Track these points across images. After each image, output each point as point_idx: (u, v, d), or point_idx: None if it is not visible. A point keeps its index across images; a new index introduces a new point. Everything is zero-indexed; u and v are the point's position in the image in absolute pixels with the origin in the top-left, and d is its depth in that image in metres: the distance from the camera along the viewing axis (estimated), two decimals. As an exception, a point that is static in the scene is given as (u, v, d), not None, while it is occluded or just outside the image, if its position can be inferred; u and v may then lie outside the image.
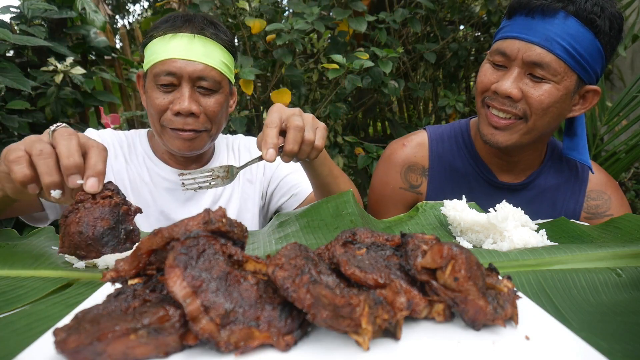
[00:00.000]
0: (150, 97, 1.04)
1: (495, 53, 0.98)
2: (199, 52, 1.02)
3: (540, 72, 0.92)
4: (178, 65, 1.00)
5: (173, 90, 1.02)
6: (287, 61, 1.95)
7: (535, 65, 0.92)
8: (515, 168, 1.12)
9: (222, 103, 1.07)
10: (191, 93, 1.02)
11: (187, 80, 1.01)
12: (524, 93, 0.94)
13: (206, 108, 1.04)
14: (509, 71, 0.96)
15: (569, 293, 0.56)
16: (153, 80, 1.03)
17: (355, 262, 0.44)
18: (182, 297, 0.36)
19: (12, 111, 1.99)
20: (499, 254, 0.67)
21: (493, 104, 0.99)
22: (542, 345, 0.38)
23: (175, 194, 1.14)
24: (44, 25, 2.15)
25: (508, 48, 0.95)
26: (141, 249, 0.44)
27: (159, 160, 1.16)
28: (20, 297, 0.59)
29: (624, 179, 3.60)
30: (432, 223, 0.86)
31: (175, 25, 1.03)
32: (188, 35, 1.02)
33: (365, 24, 1.97)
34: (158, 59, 1.01)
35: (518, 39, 0.94)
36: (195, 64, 1.01)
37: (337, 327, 0.36)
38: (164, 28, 1.03)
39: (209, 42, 1.04)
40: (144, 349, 0.36)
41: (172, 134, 1.04)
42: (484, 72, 1.01)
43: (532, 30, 0.92)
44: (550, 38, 0.90)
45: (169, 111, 1.02)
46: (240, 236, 0.46)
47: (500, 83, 0.96)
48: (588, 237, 0.78)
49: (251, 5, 2.12)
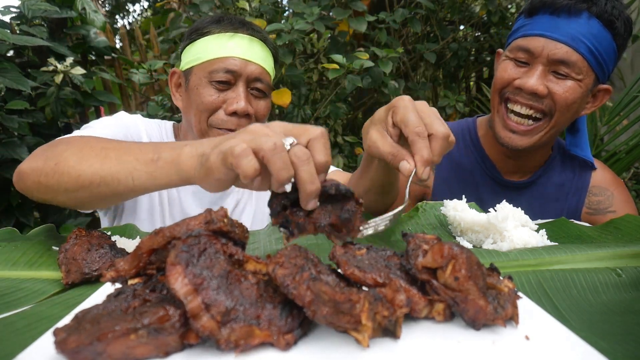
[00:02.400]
0: (201, 94, 1.01)
1: (517, 50, 0.98)
2: (257, 54, 1.03)
3: (565, 69, 0.93)
4: (238, 64, 1.00)
5: (227, 89, 1.01)
6: (287, 61, 1.95)
7: (560, 63, 0.93)
8: (522, 168, 1.13)
9: (269, 108, 1.08)
10: (246, 94, 1.01)
11: (244, 80, 1.01)
12: (549, 89, 0.95)
13: (257, 111, 1.04)
14: (533, 68, 0.96)
15: (569, 293, 0.56)
16: (206, 77, 1.01)
17: (354, 262, 0.44)
18: (183, 295, 0.36)
19: (12, 111, 1.99)
20: (499, 254, 0.67)
21: (516, 99, 0.99)
22: (542, 345, 0.38)
23: (199, 197, 1.12)
24: (44, 25, 2.15)
25: (532, 45, 0.95)
26: (142, 248, 0.44)
27: None
28: (21, 299, 0.59)
29: (625, 179, 3.60)
30: (432, 223, 0.86)
31: (234, 25, 1.03)
32: (247, 37, 1.02)
33: (365, 24, 1.97)
34: (215, 55, 1.00)
35: (543, 37, 0.94)
36: (254, 65, 1.01)
37: (337, 323, 0.36)
38: (221, 26, 1.03)
39: (264, 47, 1.05)
40: (144, 349, 0.36)
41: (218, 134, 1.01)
42: (505, 68, 1.00)
43: (558, 29, 0.93)
44: (576, 37, 0.92)
45: (222, 111, 1.01)
46: (241, 236, 0.46)
47: (525, 80, 0.96)
48: (588, 237, 0.78)
49: (251, 5, 2.12)
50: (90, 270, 0.62)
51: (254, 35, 1.03)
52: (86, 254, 0.64)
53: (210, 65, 1.00)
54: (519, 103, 0.99)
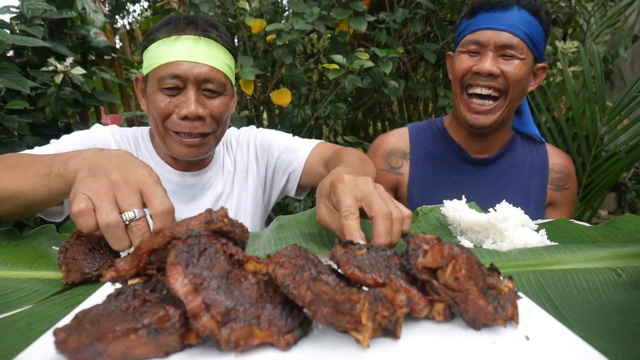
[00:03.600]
0: (154, 101, 1.02)
1: (468, 44, 1.18)
2: (204, 54, 1.00)
3: (510, 51, 1.14)
4: (183, 68, 0.98)
5: (178, 93, 1.00)
6: (287, 61, 1.95)
7: (505, 47, 1.13)
8: (487, 148, 1.30)
9: (227, 105, 1.06)
10: (197, 96, 1.00)
11: (193, 83, 1.00)
12: (501, 69, 1.15)
13: (212, 110, 1.03)
14: (484, 55, 1.15)
15: (569, 293, 0.56)
16: (157, 84, 1.01)
17: (355, 262, 0.44)
18: (184, 295, 0.36)
19: (12, 111, 1.99)
20: (499, 254, 0.67)
21: (476, 83, 1.17)
22: (542, 345, 0.38)
23: (178, 195, 1.14)
24: (43, 25, 2.15)
25: (480, 37, 1.15)
26: (142, 248, 0.44)
27: (162, 161, 1.15)
28: (21, 299, 0.59)
29: (625, 179, 3.61)
30: (432, 224, 0.86)
31: (179, 27, 1.01)
32: (193, 37, 1.00)
33: (365, 24, 1.97)
34: (162, 61, 0.99)
35: (488, 29, 1.14)
36: (201, 67, 1.00)
37: (337, 323, 0.36)
38: (167, 30, 1.01)
39: (213, 44, 1.03)
40: (144, 349, 0.36)
41: (176, 139, 1.03)
42: (461, 60, 1.19)
43: (498, 21, 1.13)
44: (513, 24, 1.13)
45: (175, 115, 1.01)
46: (241, 236, 0.46)
47: (480, 65, 1.15)
48: (588, 237, 0.78)
49: (251, 5, 2.12)
50: (90, 270, 0.62)
51: (199, 34, 1.01)
52: (86, 254, 0.64)
53: (159, 71, 1.00)
54: (479, 86, 1.17)
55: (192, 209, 1.14)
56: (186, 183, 1.15)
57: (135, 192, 0.61)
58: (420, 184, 1.33)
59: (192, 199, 1.16)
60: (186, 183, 1.15)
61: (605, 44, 3.52)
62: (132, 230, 0.59)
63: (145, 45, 1.06)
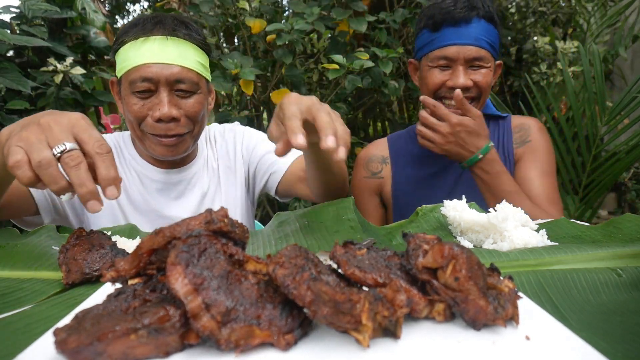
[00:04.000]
0: (128, 105, 1.01)
1: (437, 59, 1.22)
2: (173, 54, 0.99)
3: (478, 63, 1.21)
4: (153, 70, 0.97)
5: (150, 96, 1.00)
6: (287, 61, 1.95)
7: (474, 59, 1.20)
8: None
9: (202, 103, 1.06)
10: (170, 97, 0.99)
11: (165, 84, 0.98)
12: (473, 80, 1.21)
13: (187, 110, 1.02)
14: (456, 69, 1.21)
15: (569, 293, 0.56)
16: (129, 87, 1.00)
17: (355, 262, 0.44)
18: (184, 295, 0.36)
19: (12, 111, 1.99)
20: (499, 254, 0.67)
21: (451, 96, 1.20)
22: (542, 345, 0.38)
23: (165, 193, 1.15)
24: (44, 25, 2.15)
25: (449, 53, 1.20)
26: (142, 248, 0.44)
27: (145, 162, 1.15)
28: (21, 299, 0.59)
29: (625, 179, 3.61)
30: (432, 225, 0.86)
31: (146, 28, 1.00)
32: (160, 38, 0.99)
33: (365, 24, 1.97)
34: (131, 65, 0.99)
35: (455, 45, 1.19)
36: (171, 67, 0.98)
37: (337, 323, 0.36)
38: (135, 32, 1.00)
39: (182, 42, 1.01)
40: (144, 349, 0.36)
41: (154, 140, 1.03)
42: (433, 75, 1.24)
43: (463, 35, 1.19)
44: (478, 37, 1.18)
45: (149, 118, 1.00)
46: (241, 236, 0.46)
47: (455, 80, 1.20)
48: (588, 237, 0.78)
49: (251, 5, 2.12)
50: (90, 270, 0.62)
51: (166, 34, 1.00)
52: (87, 254, 0.64)
53: (130, 75, 0.99)
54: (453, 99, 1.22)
55: (179, 206, 1.15)
56: (172, 180, 1.15)
57: (65, 131, 0.60)
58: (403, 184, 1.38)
59: (179, 196, 1.16)
60: (172, 180, 1.15)
61: (605, 44, 3.52)
62: (66, 162, 0.58)
63: (115, 49, 1.05)
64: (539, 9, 3.05)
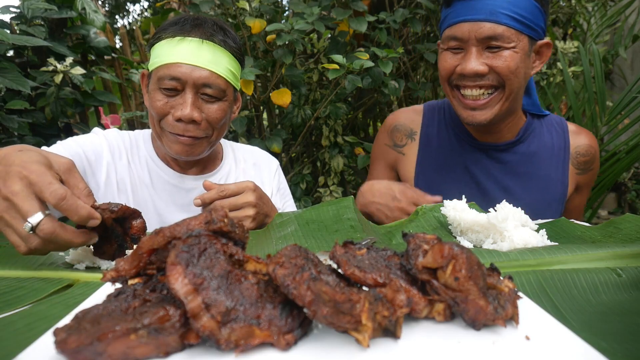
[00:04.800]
0: (153, 99, 1.02)
1: (448, 40, 1.04)
2: (206, 58, 1.00)
3: (495, 42, 0.99)
4: (183, 71, 0.98)
5: (176, 95, 1.01)
6: (287, 61, 1.95)
7: (489, 39, 0.99)
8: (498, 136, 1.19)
9: (225, 110, 1.06)
10: (194, 100, 1.00)
11: (192, 86, 1.00)
12: (489, 65, 1.01)
13: (209, 115, 1.03)
14: (467, 52, 1.02)
15: (569, 293, 0.56)
16: (157, 83, 1.01)
17: (355, 262, 0.44)
18: (184, 295, 0.36)
19: (12, 111, 1.99)
20: (499, 254, 0.67)
21: (464, 84, 1.05)
22: (542, 345, 0.38)
23: (174, 197, 1.14)
24: (43, 25, 2.15)
25: (459, 32, 1.01)
26: (142, 248, 0.44)
27: (162, 162, 1.15)
28: (21, 298, 0.59)
29: (625, 179, 3.61)
30: (432, 224, 0.86)
31: (185, 29, 1.01)
32: (196, 40, 1.00)
33: (365, 24, 1.97)
34: (164, 62, 1.00)
35: (465, 21, 0.99)
36: (201, 70, 0.99)
37: (337, 323, 0.36)
38: (173, 30, 1.02)
39: (217, 48, 1.02)
40: (144, 349, 0.36)
41: (172, 138, 1.04)
42: (444, 59, 1.06)
43: (475, 10, 0.98)
44: (494, 11, 0.97)
45: (171, 116, 1.01)
46: (241, 237, 0.46)
47: (464, 65, 1.02)
48: (588, 237, 0.78)
49: (251, 5, 2.12)
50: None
51: (203, 38, 1.01)
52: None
53: (160, 71, 1.01)
54: (468, 87, 1.05)
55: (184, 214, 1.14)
56: (185, 185, 1.15)
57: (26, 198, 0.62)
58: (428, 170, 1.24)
59: (187, 204, 1.15)
60: (185, 185, 1.15)
61: (605, 44, 3.52)
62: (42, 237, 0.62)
63: (152, 43, 1.06)
64: (539, 9, 3.04)
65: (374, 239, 0.75)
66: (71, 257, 0.71)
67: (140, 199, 1.13)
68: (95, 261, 0.71)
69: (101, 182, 1.09)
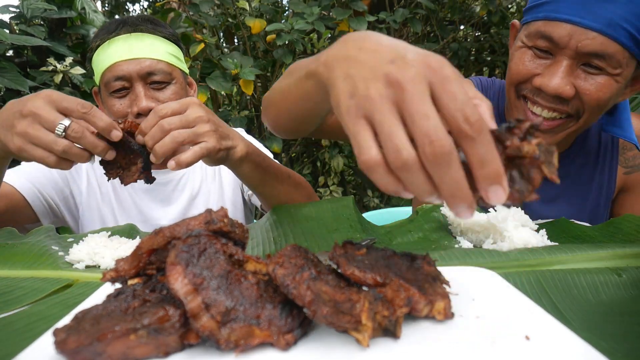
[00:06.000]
0: (109, 107, 1.03)
1: (537, 36, 0.79)
2: (140, 48, 1.01)
3: (599, 63, 0.75)
4: (124, 68, 0.99)
5: (127, 94, 1.01)
6: (287, 61, 1.95)
7: (593, 55, 0.75)
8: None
9: (179, 93, 1.06)
10: (146, 91, 1.01)
11: (137, 79, 1.00)
12: (578, 88, 0.78)
13: (164, 101, 1.02)
14: (557, 61, 0.78)
15: (569, 293, 0.56)
16: (106, 90, 1.02)
17: (354, 262, 0.44)
18: (184, 295, 0.36)
19: (12, 111, 1.98)
20: (499, 254, 0.67)
21: (537, 100, 0.83)
22: (542, 345, 0.38)
23: (153, 194, 1.15)
24: (43, 25, 2.15)
25: (557, 33, 0.76)
26: (142, 248, 0.44)
27: None
28: (20, 298, 0.59)
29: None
30: (432, 224, 0.86)
31: (110, 29, 1.03)
32: (124, 36, 1.01)
33: (365, 24, 1.97)
34: (103, 67, 1.01)
35: (570, 23, 0.74)
36: (140, 61, 1.00)
37: (337, 323, 0.36)
38: (101, 36, 1.03)
39: (147, 36, 1.03)
40: (144, 349, 0.36)
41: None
42: (521, 58, 0.82)
43: (590, 13, 0.73)
44: (613, 22, 0.72)
45: (130, 115, 1.01)
46: (241, 237, 0.46)
47: (547, 79, 0.78)
48: (588, 237, 0.78)
49: (251, 5, 2.12)
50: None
51: (130, 31, 1.02)
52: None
53: (104, 77, 1.02)
54: (539, 105, 0.83)
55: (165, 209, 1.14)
56: (161, 180, 1.15)
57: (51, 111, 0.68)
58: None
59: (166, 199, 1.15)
60: (161, 180, 1.15)
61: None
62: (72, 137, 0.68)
63: (89, 57, 1.08)
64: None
65: (374, 239, 0.75)
66: (71, 256, 0.71)
67: (122, 200, 1.14)
68: (94, 259, 0.71)
69: (83, 188, 1.12)
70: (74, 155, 0.69)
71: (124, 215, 1.13)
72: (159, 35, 1.04)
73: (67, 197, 1.11)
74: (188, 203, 1.17)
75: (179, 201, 1.16)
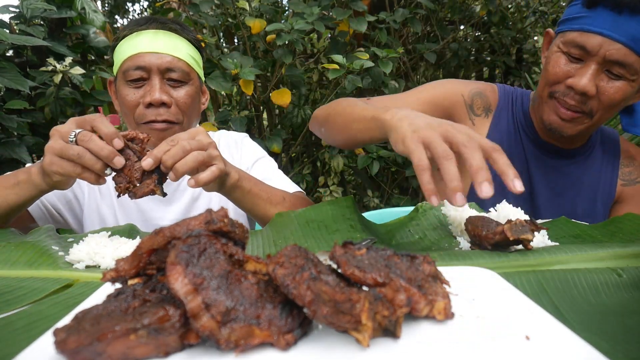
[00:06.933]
0: (122, 96, 1.05)
1: (572, 45, 0.95)
2: (165, 44, 1.04)
3: (619, 70, 0.91)
4: (146, 59, 1.02)
5: (143, 84, 1.04)
6: (287, 61, 1.95)
7: (616, 64, 0.91)
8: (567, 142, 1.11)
9: (192, 95, 1.08)
10: (161, 85, 1.03)
11: (156, 72, 1.03)
12: (599, 89, 0.93)
13: (177, 99, 1.05)
14: (586, 66, 0.93)
15: (569, 293, 0.56)
16: (123, 78, 1.04)
17: (354, 262, 0.44)
18: (184, 294, 0.36)
19: (11, 111, 1.99)
20: (499, 254, 0.67)
21: (565, 100, 0.97)
22: (542, 345, 0.38)
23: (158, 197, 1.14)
24: (43, 25, 2.15)
25: (589, 43, 0.92)
26: (142, 248, 0.43)
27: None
28: (20, 298, 0.59)
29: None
30: (432, 224, 0.86)
31: (140, 23, 1.07)
32: (153, 31, 1.05)
33: (365, 24, 1.97)
34: (126, 56, 1.04)
35: (601, 35, 0.90)
36: (162, 56, 1.03)
37: (337, 323, 0.36)
38: (129, 29, 1.07)
39: (174, 36, 1.07)
40: (144, 349, 0.36)
41: (145, 128, 1.05)
42: (558, 62, 0.97)
43: (618, 28, 0.89)
44: (636, 38, 0.88)
45: (141, 105, 1.03)
46: (241, 237, 0.46)
47: (577, 79, 0.94)
48: (588, 237, 0.78)
49: (251, 5, 2.12)
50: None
51: (159, 27, 1.06)
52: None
53: (124, 66, 1.04)
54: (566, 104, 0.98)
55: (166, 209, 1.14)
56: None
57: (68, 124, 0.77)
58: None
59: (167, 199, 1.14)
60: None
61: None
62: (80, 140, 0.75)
63: (113, 47, 1.11)
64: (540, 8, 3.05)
65: (374, 239, 0.75)
66: (71, 256, 0.71)
67: (122, 199, 1.13)
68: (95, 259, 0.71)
69: (85, 188, 1.13)
70: (88, 161, 0.75)
71: (124, 215, 1.13)
72: (184, 37, 1.09)
73: (70, 200, 1.12)
74: (189, 204, 1.17)
75: (180, 201, 1.16)
